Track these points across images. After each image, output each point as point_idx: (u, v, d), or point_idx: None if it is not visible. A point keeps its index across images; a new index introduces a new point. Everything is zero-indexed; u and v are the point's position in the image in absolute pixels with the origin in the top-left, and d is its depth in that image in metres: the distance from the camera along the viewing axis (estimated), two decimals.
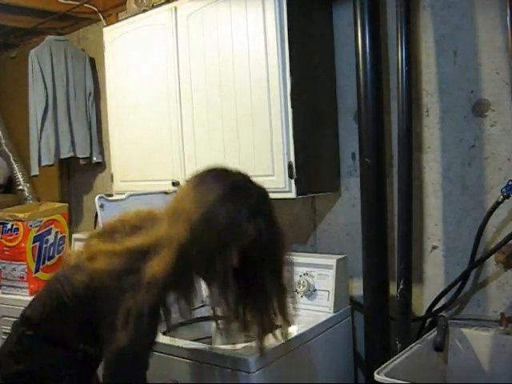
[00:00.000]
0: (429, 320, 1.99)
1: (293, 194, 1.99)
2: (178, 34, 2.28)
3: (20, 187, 3.48)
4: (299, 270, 2.12)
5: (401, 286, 1.90)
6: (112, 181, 2.69)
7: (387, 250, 1.98)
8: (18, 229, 2.51)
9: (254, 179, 1.40)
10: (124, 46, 2.54)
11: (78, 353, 1.41)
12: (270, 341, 1.55)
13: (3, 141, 3.57)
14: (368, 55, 1.93)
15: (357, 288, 2.18)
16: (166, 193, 2.16)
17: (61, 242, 2.70)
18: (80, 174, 3.42)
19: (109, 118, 2.70)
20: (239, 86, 2.09)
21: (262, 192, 1.37)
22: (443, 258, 2.00)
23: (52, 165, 3.14)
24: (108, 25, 2.82)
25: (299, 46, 2.01)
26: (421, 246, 2.05)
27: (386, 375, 1.51)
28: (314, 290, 2.07)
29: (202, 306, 2.17)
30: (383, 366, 1.57)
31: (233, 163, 2.12)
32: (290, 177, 1.98)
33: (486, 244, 1.89)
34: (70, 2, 2.91)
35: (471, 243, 1.87)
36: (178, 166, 2.31)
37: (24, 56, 3.24)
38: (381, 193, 1.96)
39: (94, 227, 2.78)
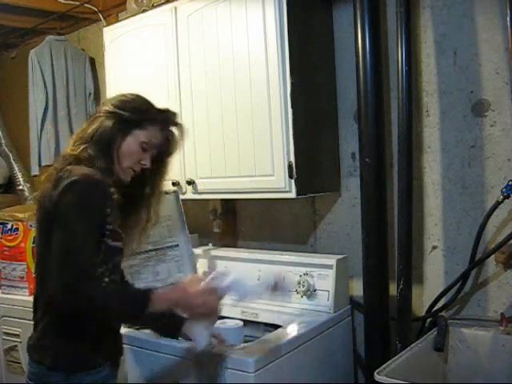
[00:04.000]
0: (429, 320, 1.99)
1: (293, 194, 1.99)
2: (178, 34, 2.28)
3: (20, 187, 3.48)
4: (299, 270, 2.12)
5: (401, 286, 1.90)
6: None
7: (387, 249, 1.98)
8: (17, 229, 2.50)
9: None
10: (124, 46, 2.53)
11: None
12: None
13: (3, 141, 3.57)
14: (368, 55, 1.93)
15: (357, 288, 2.18)
16: (166, 193, 2.15)
17: None
18: None
19: None
20: (239, 86, 2.09)
21: None
22: (443, 258, 2.00)
23: (52, 165, 3.14)
24: (108, 25, 2.82)
25: (299, 46, 2.01)
26: (421, 246, 2.05)
27: (386, 375, 1.51)
28: (314, 290, 2.07)
29: None
30: (383, 366, 1.57)
31: (233, 163, 2.15)
32: (290, 177, 1.98)
33: (486, 244, 1.89)
34: (70, 1, 2.91)
35: (471, 243, 1.87)
36: (177, 166, 2.31)
37: (24, 56, 3.24)
38: (381, 193, 1.96)
39: None
